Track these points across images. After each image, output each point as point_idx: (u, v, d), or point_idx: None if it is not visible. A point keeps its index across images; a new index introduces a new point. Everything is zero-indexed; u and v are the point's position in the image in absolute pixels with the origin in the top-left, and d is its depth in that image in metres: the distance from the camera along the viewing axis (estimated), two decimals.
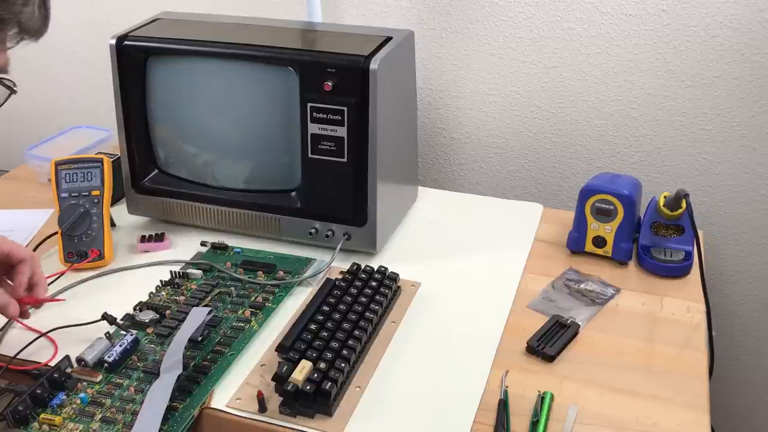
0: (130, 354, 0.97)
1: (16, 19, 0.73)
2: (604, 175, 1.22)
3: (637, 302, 1.09)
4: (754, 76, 1.29)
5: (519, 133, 1.46)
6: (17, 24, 0.74)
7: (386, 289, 1.07)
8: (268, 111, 1.16)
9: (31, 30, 0.77)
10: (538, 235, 1.26)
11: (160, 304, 1.07)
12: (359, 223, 1.15)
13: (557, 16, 1.35)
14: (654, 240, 1.18)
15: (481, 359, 0.97)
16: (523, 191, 1.51)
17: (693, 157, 1.38)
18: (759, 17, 1.24)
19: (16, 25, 0.74)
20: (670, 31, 1.30)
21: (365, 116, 1.08)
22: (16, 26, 0.75)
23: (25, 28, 0.76)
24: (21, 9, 0.74)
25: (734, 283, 1.45)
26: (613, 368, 0.96)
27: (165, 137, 1.23)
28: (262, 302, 1.07)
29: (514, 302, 1.09)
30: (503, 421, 0.87)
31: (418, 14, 1.42)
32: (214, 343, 0.99)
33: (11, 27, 0.75)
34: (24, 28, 0.75)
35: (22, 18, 0.74)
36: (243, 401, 0.90)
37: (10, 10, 0.72)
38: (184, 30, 1.21)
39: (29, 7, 0.75)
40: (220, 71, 1.16)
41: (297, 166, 1.15)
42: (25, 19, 0.74)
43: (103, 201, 1.18)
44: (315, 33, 1.26)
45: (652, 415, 0.88)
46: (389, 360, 0.97)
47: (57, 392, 0.90)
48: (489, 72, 1.43)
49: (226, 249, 1.20)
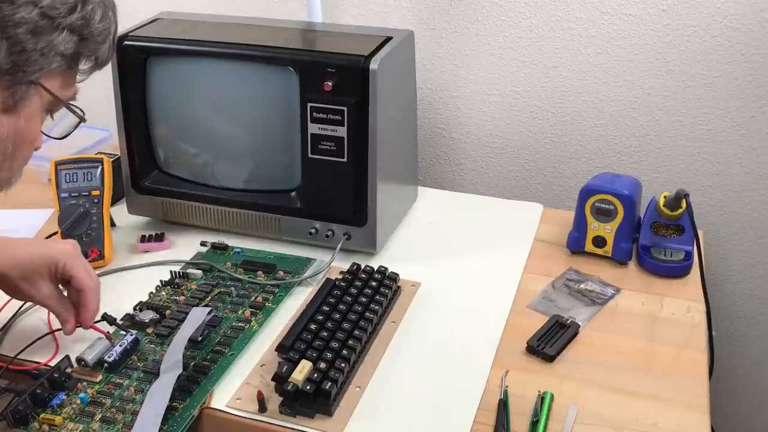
0: (130, 354, 0.97)
1: (94, 55, 0.77)
2: (604, 175, 1.22)
3: (637, 302, 1.09)
4: (754, 76, 1.28)
5: (519, 133, 1.46)
6: (95, 59, 0.78)
7: (386, 289, 1.07)
8: (268, 111, 1.16)
9: (103, 63, 0.81)
10: (538, 235, 1.26)
11: (160, 304, 1.07)
12: (359, 223, 1.15)
13: (557, 16, 1.35)
14: (654, 240, 1.18)
15: (481, 359, 0.97)
16: (523, 191, 1.51)
17: (693, 157, 1.38)
18: (759, 17, 1.24)
19: (93, 60, 0.78)
20: (670, 31, 1.30)
21: (365, 116, 1.08)
22: (93, 61, 0.78)
23: (100, 62, 0.79)
24: (100, 47, 0.77)
25: (734, 283, 1.45)
26: (613, 368, 0.96)
27: (165, 137, 1.23)
28: (262, 302, 1.07)
29: (514, 302, 1.09)
30: (503, 421, 0.87)
31: (418, 14, 1.42)
32: (214, 343, 0.99)
33: (89, 62, 0.78)
34: (99, 62, 0.79)
35: (99, 53, 0.78)
36: (243, 401, 0.90)
37: (91, 48, 0.76)
38: (184, 30, 1.21)
39: (107, 44, 0.78)
40: (220, 71, 1.16)
41: (297, 166, 1.15)
42: (101, 54, 0.78)
43: (103, 201, 1.18)
44: (315, 33, 1.26)
45: (652, 415, 0.88)
46: (389, 360, 0.97)
47: (57, 392, 0.90)
48: (489, 72, 1.43)
49: (226, 249, 1.20)
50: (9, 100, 0.68)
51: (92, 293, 0.95)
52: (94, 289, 0.96)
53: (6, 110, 0.68)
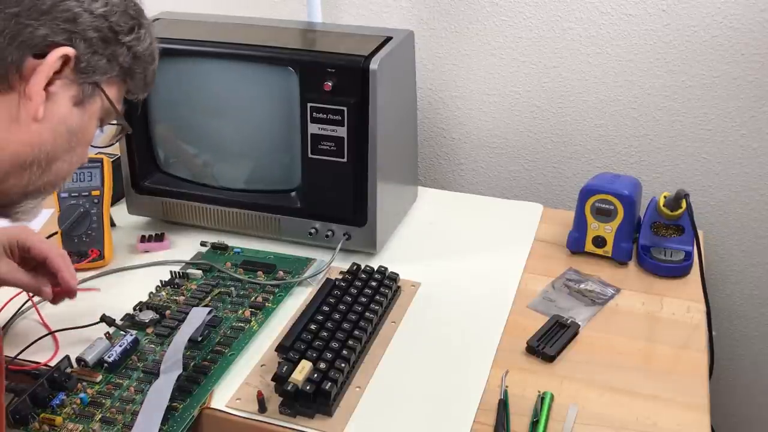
0: (130, 354, 0.97)
1: (144, 74, 0.80)
2: (604, 175, 1.22)
3: (637, 302, 1.09)
4: (754, 76, 1.29)
5: (519, 133, 1.46)
6: (143, 78, 0.80)
7: (386, 289, 1.07)
8: (268, 111, 1.16)
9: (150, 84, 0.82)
10: (538, 235, 1.26)
11: (160, 304, 1.07)
12: (359, 223, 1.15)
13: (557, 16, 1.35)
14: (654, 240, 1.18)
15: (481, 359, 0.97)
16: (523, 191, 1.51)
17: (693, 157, 1.38)
18: (759, 17, 1.24)
19: (143, 79, 0.80)
20: (670, 31, 1.30)
21: (365, 116, 1.08)
22: (142, 80, 0.80)
23: (148, 81, 0.81)
24: (149, 66, 0.80)
25: (734, 283, 1.45)
26: (613, 368, 0.96)
27: (165, 137, 1.23)
28: (262, 302, 1.07)
29: (514, 302, 1.09)
30: (503, 421, 0.87)
31: (418, 14, 1.42)
32: (214, 343, 0.99)
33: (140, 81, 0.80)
34: (147, 81, 0.81)
35: (147, 72, 0.80)
36: (243, 401, 0.90)
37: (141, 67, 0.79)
38: (185, 30, 1.21)
39: (153, 65, 0.81)
40: (220, 71, 1.16)
41: (297, 166, 1.15)
42: (149, 73, 0.81)
43: (103, 201, 1.18)
44: (315, 33, 1.26)
45: (652, 415, 0.88)
46: (389, 360, 0.97)
47: (57, 392, 0.90)
48: (489, 72, 1.43)
49: (226, 249, 1.20)
50: (80, 95, 0.73)
51: (57, 257, 0.96)
52: (58, 254, 0.97)
53: (77, 104, 0.73)
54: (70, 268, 0.97)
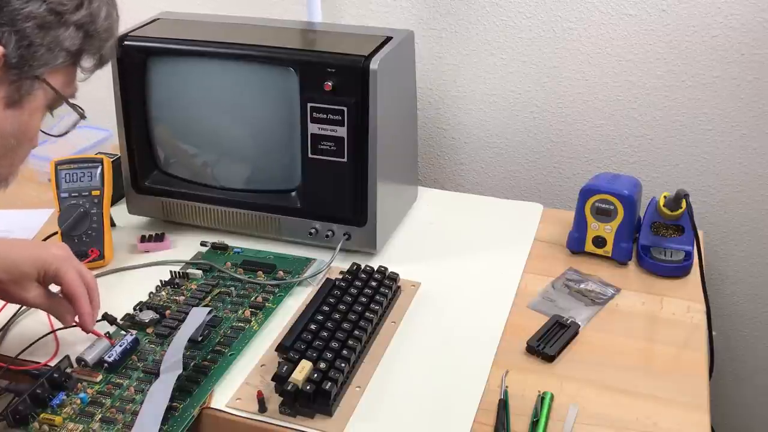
0: (130, 354, 0.97)
1: (99, 53, 0.76)
2: (604, 175, 1.22)
3: (637, 302, 1.09)
4: (754, 76, 1.28)
5: (519, 133, 1.46)
6: (99, 57, 0.77)
7: (386, 289, 1.07)
8: (268, 111, 1.16)
9: (106, 61, 0.79)
10: (538, 235, 1.26)
11: (160, 304, 1.07)
12: (359, 223, 1.15)
13: (557, 16, 1.35)
14: (654, 240, 1.17)
15: (481, 359, 0.97)
16: (523, 191, 1.51)
17: (693, 157, 1.38)
18: (759, 17, 1.24)
19: (97, 58, 0.77)
20: (670, 31, 1.30)
21: (365, 116, 1.08)
22: (96, 59, 0.77)
23: (103, 60, 0.78)
24: (104, 44, 0.76)
25: (734, 283, 1.45)
26: (613, 368, 0.96)
27: (165, 137, 1.23)
28: (262, 302, 1.07)
29: (514, 302, 1.09)
30: (503, 421, 0.87)
31: (418, 14, 1.42)
32: (214, 343, 0.99)
33: (92, 60, 0.77)
34: (102, 60, 0.78)
35: (103, 51, 0.77)
36: (243, 401, 0.90)
37: (95, 45, 0.75)
38: (184, 30, 1.21)
39: (110, 41, 0.77)
40: (219, 71, 1.16)
41: (297, 166, 1.15)
42: (105, 51, 0.77)
43: (103, 201, 1.18)
44: (315, 33, 1.26)
45: (652, 415, 0.88)
46: (389, 360, 0.97)
47: (57, 392, 0.90)
48: (489, 72, 1.43)
49: (226, 249, 1.20)
50: (15, 94, 0.68)
51: (82, 300, 0.93)
52: (85, 295, 0.94)
53: (10, 105, 0.68)
54: (89, 309, 0.94)
